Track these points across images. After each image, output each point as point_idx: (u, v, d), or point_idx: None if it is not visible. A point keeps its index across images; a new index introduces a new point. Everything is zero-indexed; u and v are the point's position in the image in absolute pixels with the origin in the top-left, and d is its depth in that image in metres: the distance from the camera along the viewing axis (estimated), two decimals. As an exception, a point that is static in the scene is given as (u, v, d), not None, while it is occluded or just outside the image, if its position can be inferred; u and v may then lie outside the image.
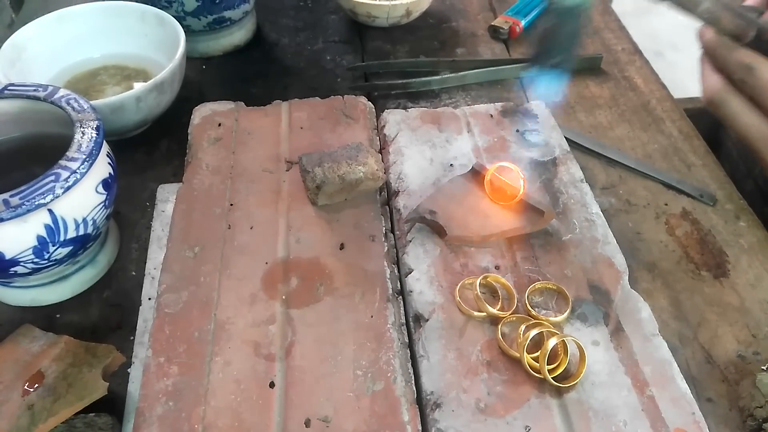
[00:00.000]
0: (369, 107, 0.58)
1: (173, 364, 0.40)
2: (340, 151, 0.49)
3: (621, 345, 0.41)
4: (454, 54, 0.74)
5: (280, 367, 0.40)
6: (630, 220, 0.55)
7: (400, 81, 0.68)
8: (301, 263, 0.45)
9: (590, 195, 0.51)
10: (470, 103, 0.66)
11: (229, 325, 0.42)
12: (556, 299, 0.44)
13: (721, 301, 0.49)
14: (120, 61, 0.66)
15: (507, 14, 0.78)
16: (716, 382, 0.44)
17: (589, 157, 0.61)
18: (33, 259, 0.43)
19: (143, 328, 0.46)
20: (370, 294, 0.43)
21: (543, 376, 0.38)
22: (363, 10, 0.75)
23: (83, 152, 0.43)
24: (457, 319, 0.42)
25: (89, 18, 0.65)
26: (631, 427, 0.37)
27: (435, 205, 0.47)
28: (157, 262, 0.48)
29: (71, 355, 0.41)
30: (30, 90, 0.48)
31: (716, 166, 0.60)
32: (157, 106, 0.59)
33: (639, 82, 0.70)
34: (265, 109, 0.57)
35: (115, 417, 0.40)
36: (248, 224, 0.48)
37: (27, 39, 0.61)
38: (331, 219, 0.48)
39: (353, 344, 0.41)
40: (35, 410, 0.38)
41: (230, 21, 0.71)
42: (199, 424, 0.37)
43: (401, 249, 0.47)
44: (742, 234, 0.54)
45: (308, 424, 0.37)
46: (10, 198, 0.40)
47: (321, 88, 0.69)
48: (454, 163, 0.53)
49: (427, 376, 0.39)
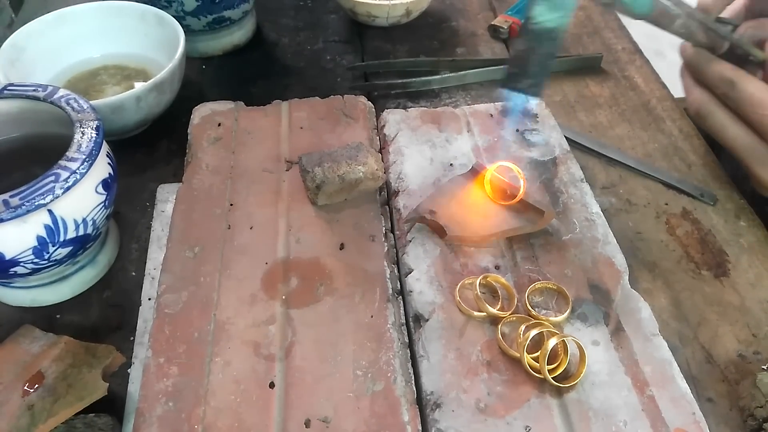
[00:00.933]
0: (369, 107, 0.58)
1: (173, 364, 0.40)
2: (340, 151, 0.49)
3: (621, 345, 0.41)
4: (454, 53, 0.74)
5: (280, 367, 0.40)
6: (630, 219, 0.55)
7: (400, 81, 0.68)
8: (301, 263, 0.45)
9: (590, 195, 0.51)
10: (470, 103, 0.66)
11: (229, 325, 0.42)
12: (556, 299, 0.44)
13: (722, 300, 0.49)
14: (120, 61, 0.66)
15: (507, 13, 0.78)
16: (716, 381, 0.44)
17: (589, 156, 0.61)
18: (33, 259, 0.43)
19: (143, 328, 0.46)
20: (370, 294, 0.43)
21: (543, 376, 0.38)
22: (363, 10, 0.75)
23: (83, 152, 0.43)
24: (457, 319, 0.42)
25: (89, 18, 0.65)
26: (631, 427, 0.37)
27: (435, 204, 0.47)
28: (157, 263, 0.48)
29: (71, 356, 0.41)
30: (30, 90, 0.48)
31: (716, 165, 0.60)
32: (157, 106, 0.59)
33: (639, 82, 0.70)
34: (265, 109, 0.57)
35: (115, 417, 0.40)
36: (248, 224, 0.48)
37: (27, 39, 0.61)
38: (331, 219, 0.48)
39: (353, 344, 0.41)
40: (35, 411, 0.38)
41: (230, 21, 0.71)
42: (199, 424, 0.37)
43: (401, 249, 0.47)
44: (742, 233, 0.54)
45: (308, 425, 0.37)
46: (10, 198, 0.40)
47: (321, 88, 0.69)
48: (454, 162, 0.53)
49: (427, 377, 0.39)
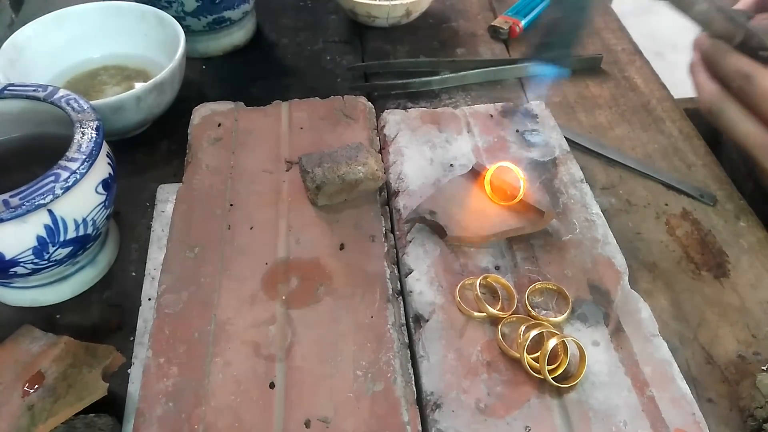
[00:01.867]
0: (369, 107, 0.58)
1: (173, 364, 0.40)
2: (340, 152, 0.49)
3: (621, 345, 0.41)
4: (454, 54, 0.74)
5: (280, 367, 0.40)
6: (630, 220, 0.55)
7: (400, 81, 0.68)
8: (301, 264, 0.45)
9: (590, 195, 0.51)
10: (470, 104, 0.66)
11: (229, 325, 0.42)
12: (556, 299, 0.44)
13: (722, 301, 0.49)
14: (120, 61, 0.66)
15: (507, 14, 0.78)
16: (716, 382, 0.44)
17: (589, 157, 0.61)
18: (33, 259, 0.43)
19: (143, 328, 0.46)
20: (370, 294, 0.43)
21: (543, 376, 0.38)
22: (363, 10, 0.75)
23: (83, 152, 0.43)
24: (457, 319, 0.42)
25: (89, 18, 0.65)
26: (631, 427, 0.37)
27: (435, 205, 0.47)
28: (157, 263, 0.48)
29: (71, 356, 0.41)
30: (30, 90, 0.48)
31: (716, 166, 0.60)
32: (157, 106, 0.59)
33: (639, 82, 0.70)
34: (265, 109, 0.57)
35: (115, 417, 0.40)
36: (248, 225, 0.48)
37: (27, 39, 0.61)
38: (331, 219, 0.48)
39: (353, 345, 0.41)
40: (35, 411, 0.38)
41: (230, 21, 0.71)
42: (199, 424, 0.37)
43: (401, 249, 0.47)
44: (742, 234, 0.54)
45: (308, 425, 0.37)
46: (10, 198, 0.40)
47: (321, 88, 0.69)
48: (454, 163, 0.53)
49: (427, 377, 0.39)
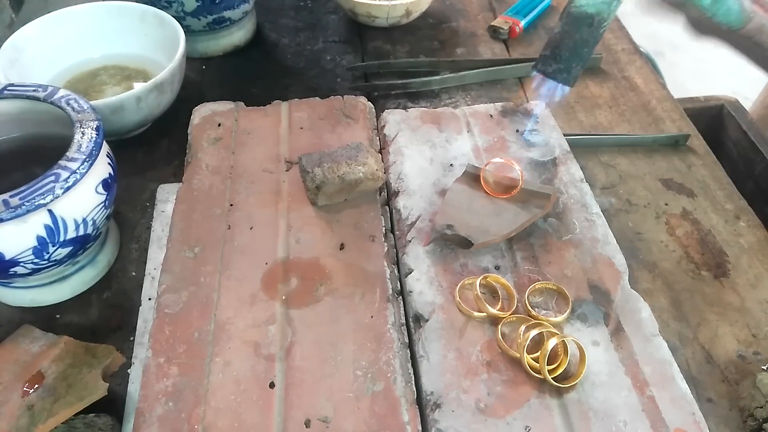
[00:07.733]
0: (369, 107, 0.58)
1: (173, 364, 0.40)
2: (340, 151, 0.49)
3: (621, 345, 0.41)
4: (454, 54, 0.74)
5: (280, 367, 0.40)
6: (630, 220, 0.55)
7: (400, 81, 0.68)
8: (301, 263, 0.45)
9: (590, 195, 0.51)
10: (470, 103, 0.66)
11: (229, 325, 0.42)
12: (556, 299, 0.44)
13: (721, 301, 0.49)
14: (120, 61, 0.66)
15: (507, 14, 0.78)
16: (716, 382, 0.44)
17: (589, 157, 0.61)
18: (33, 259, 0.43)
19: (143, 328, 0.46)
20: (370, 294, 0.43)
21: (543, 376, 0.38)
22: (363, 10, 0.75)
23: (83, 152, 0.43)
24: (457, 319, 0.42)
25: (89, 18, 0.65)
26: (631, 427, 0.37)
27: (448, 218, 0.46)
28: (157, 263, 0.48)
29: (71, 356, 0.41)
30: (30, 90, 0.48)
31: (716, 166, 0.60)
32: (157, 106, 0.59)
33: (639, 82, 0.70)
34: (265, 109, 0.57)
35: (115, 417, 0.40)
36: (248, 224, 0.48)
37: (27, 39, 0.61)
38: (331, 219, 0.48)
39: (353, 344, 0.41)
40: (35, 411, 0.38)
41: (230, 21, 0.71)
42: (199, 424, 0.37)
43: (401, 249, 0.47)
44: (742, 234, 0.54)
45: (308, 425, 0.37)
46: (10, 198, 0.40)
47: (321, 88, 0.69)
48: (454, 163, 0.53)
49: (427, 377, 0.39)
